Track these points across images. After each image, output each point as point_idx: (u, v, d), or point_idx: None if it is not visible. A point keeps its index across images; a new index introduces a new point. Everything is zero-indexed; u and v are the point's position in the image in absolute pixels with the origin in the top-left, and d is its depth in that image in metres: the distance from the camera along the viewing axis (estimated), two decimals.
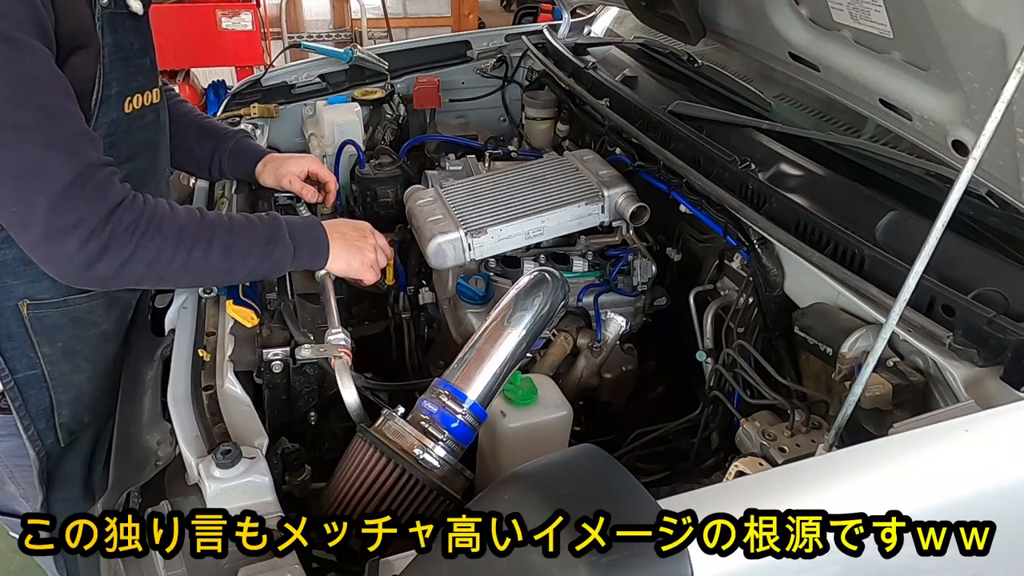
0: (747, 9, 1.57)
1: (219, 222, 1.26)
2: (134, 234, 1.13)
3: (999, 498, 0.90)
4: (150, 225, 1.15)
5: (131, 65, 1.29)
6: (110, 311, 1.40)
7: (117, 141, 1.27)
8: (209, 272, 1.25)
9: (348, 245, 1.41)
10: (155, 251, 1.15)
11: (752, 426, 1.23)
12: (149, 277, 1.20)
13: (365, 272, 1.44)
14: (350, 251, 1.41)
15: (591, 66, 2.14)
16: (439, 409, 1.15)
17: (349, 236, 1.42)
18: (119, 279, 1.16)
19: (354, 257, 1.42)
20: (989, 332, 1.03)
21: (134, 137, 1.33)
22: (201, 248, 1.20)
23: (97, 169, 1.12)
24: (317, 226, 1.38)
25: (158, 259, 1.16)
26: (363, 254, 1.43)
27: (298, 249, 1.32)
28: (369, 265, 1.44)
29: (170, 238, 1.17)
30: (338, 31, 7.08)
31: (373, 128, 2.42)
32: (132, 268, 1.14)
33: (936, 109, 1.15)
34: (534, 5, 6.79)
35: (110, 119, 1.25)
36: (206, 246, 1.20)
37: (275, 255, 1.29)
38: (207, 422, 1.14)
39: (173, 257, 1.17)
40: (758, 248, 1.43)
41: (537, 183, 1.79)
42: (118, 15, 1.24)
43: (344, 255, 1.40)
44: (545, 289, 1.25)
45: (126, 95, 1.28)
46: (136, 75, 1.31)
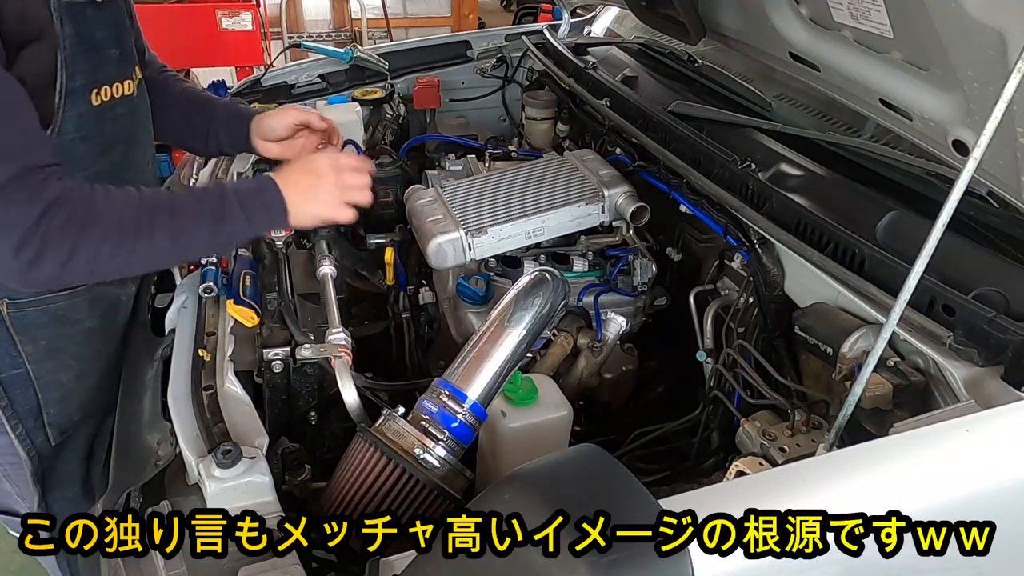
0: (747, 9, 1.57)
1: (160, 205, 1.19)
2: (69, 232, 1.08)
3: (999, 498, 0.90)
4: (87, 221, 1.10)
5: (97, 56, 1.25)
6: (94, 308, 1.38)
7: (88, 135, 1.25)
8: (160, 257, 1.21)
9: (303, 195, 1.29)
10: (95, 247, 1.11)
11: (752, 426, 1.23)
12: (98, 272, 1.16)
13: (335, 215, 1.33)
14: (308, 201, 1.30)
15: (591, 66, 2.14)
16: (439, 409, 1.15)
17: (303, 185, 1.30)
18: (65, 278, 1.13)
19: (315, 206, 1.31)
20: (989, 332, 1.03)
21: (105, 130, 1.29)
22: (145, 236, 1.15)
23: (32, 172, 1.07)
24: (267, 187, 1.28)
25: (99, 254, 1.11)
26: (323, 200, 1.31)
27: (251, 216, 1.24)
28: (336, 207, 1.32)
29: (110, 231, 1.12)
30: (338, 31, 7.07)
31: (373, 128, 2.42)
32: (75, 266, 1.10)
33: (936, 109, 1.15)
34: (534, 5, 6.78)
35: (77, 112, 1.22)
36: (150, 233, 1.15)
37: (228, 228, 1.23)
38: (207, 422, 1.14)
39: (117, 251, 1.13)
40: (758, 248, 1.43)
41: (537, 183, 1.79)
42: (77, 5, 1.20)
43: (304, 206, 1.29)
44: (545, 289, 1.25)
45: (92, 87, 1.24)
46: (104, 66, 1.27)
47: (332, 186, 1.32)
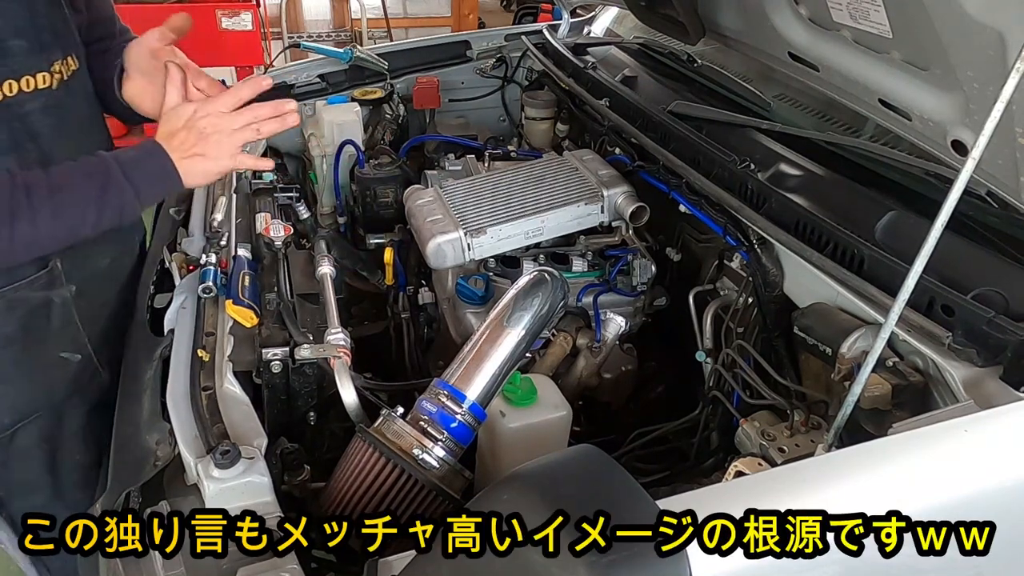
0: (747, 9, 1.57)
1: (37, 185, 1.14)
2: None
3: (999, 498, 0.90)
4: None
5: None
6: (10, 313, 1.31)
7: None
8: (49, 238, 1.17)
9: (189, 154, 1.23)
10: None
11: (751, 426, 1.23)
12: None
13: (229, 166, 1.27)
14: (196, 160, 1.23)
15: (591, 66, 2.14)
16: (438, 409, 1.15)
17: (187, 144, 1.23)
18: None
19: (204, 163, 1.24)
20: (988, 332, 1.03)
21: (12, 126, 1.22)
22: (26, 218, 1.11)
23: None
24: (153, 152, 1.22)
25: None
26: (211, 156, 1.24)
27: (139, 186, 1.20)
28: (227, 159, 1.26)
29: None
30: (338, 31, 7.07)
31: (373, 128, 2.42)
32: None
33: (936, 109, 1.15)
34: (534, 5, 6.79)
35: None
36: (31, 215, 1.11)
37: (115, 201, 1.18)
38: (206, 422, 1.14)
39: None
40: (758, 248, 1.43)
41: (537, 183, 1.79)
42: None
43: (193, 168, 1.23)
44: (544, 289, 1.24)
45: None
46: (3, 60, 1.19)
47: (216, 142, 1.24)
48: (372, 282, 1.98)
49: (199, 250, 1.54)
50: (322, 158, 2.21)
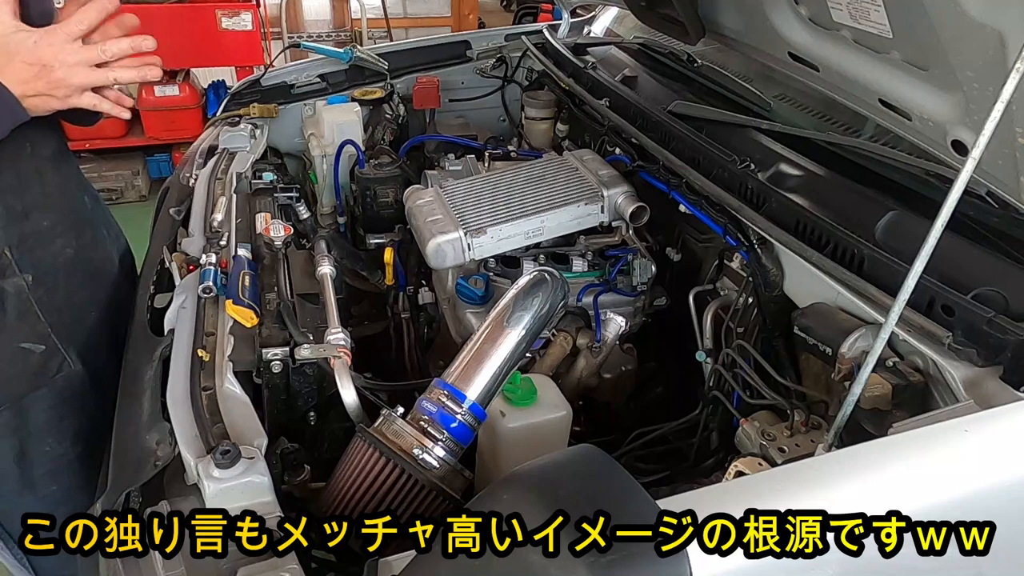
0: (747, 9, 1.57)
1: None
2: None
3: (999, 498, 0.90)
4: None
5: None
6: None
7: None
8: None
9: (32, 87, 1.17)
10: None
11: (752, 426, 1.23)
12: None
13: (79, 101, 1.22)
14: (43, 98, 1.19)
15: (591, 66, 2.14)
16: (438, 409, 1.15)
17: (27, 79, 1.17)
18: None
19: (47, 103, 1.20)
20: (988, 332, 1.03)
21: None
22: None
23: None
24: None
25: None
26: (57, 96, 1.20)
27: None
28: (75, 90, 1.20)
29: None
30: (338, 31, 7.07)
31: (373, 128, 2.42)
32: None
33: (936, 109, 1.15)
34: (534, 5, 6.80)
35: None
36: None
37: None
38: (206, 422, 1.14)
39: None
40: (758, 248, 1.43)
41: (537, 183, 1.79)
42: None
43: (40, 102, 1.19)
44: (544, 289, 1.25)
45: None
46: None
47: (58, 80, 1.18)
48: (372, 282, 1.98)
49: (199, 250, 1.54)
50: (322, 158, 2.21)
